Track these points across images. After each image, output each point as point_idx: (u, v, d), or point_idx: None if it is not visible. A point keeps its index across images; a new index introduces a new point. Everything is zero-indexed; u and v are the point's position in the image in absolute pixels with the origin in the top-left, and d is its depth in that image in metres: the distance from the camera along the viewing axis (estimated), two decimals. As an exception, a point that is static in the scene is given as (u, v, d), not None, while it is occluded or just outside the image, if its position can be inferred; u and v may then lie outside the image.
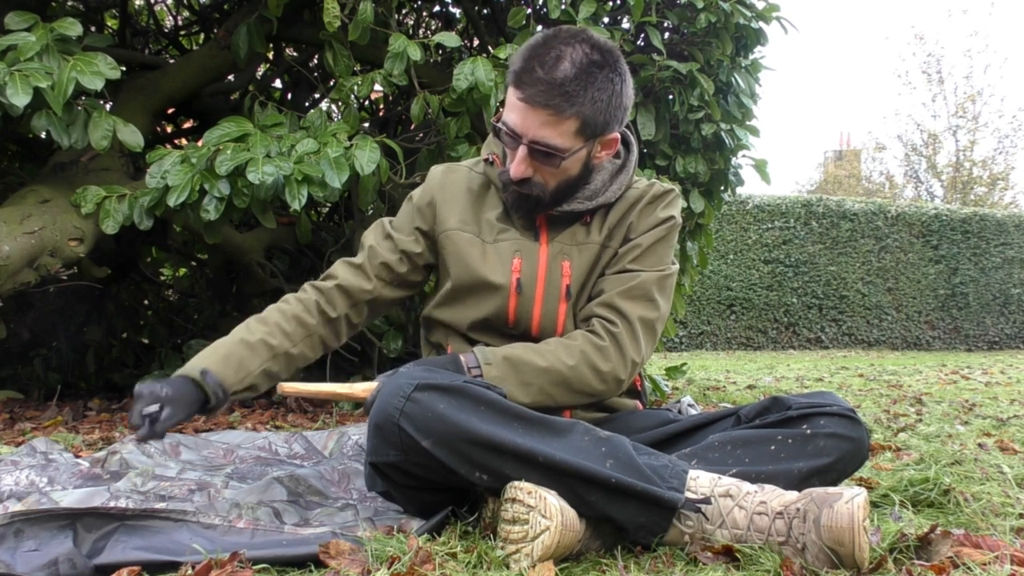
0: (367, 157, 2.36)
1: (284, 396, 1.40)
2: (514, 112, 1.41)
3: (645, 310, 1.50)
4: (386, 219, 1.67)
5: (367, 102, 3.61)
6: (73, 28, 2.25)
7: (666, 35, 3.00)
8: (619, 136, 1.50)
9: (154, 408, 1.34)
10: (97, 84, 2.18)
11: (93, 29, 3.14)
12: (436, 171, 1.66)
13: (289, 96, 3.54)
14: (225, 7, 3.49)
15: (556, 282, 1.53)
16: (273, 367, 1.50)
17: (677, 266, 1.58)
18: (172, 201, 2.27)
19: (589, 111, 1.39)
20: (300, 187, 2.29)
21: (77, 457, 1.85)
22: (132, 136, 2.36)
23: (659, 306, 1.52)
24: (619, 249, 1.54)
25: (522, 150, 1.42)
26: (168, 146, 2.71)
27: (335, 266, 1.62)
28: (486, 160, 1.59)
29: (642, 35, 2.95)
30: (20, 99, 2.07)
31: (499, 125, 1.45)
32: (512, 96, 1.41)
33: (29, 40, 2.19)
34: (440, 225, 1.58)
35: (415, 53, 2.47)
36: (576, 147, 1.43)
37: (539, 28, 2.80)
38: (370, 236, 1.64)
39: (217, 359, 1.45)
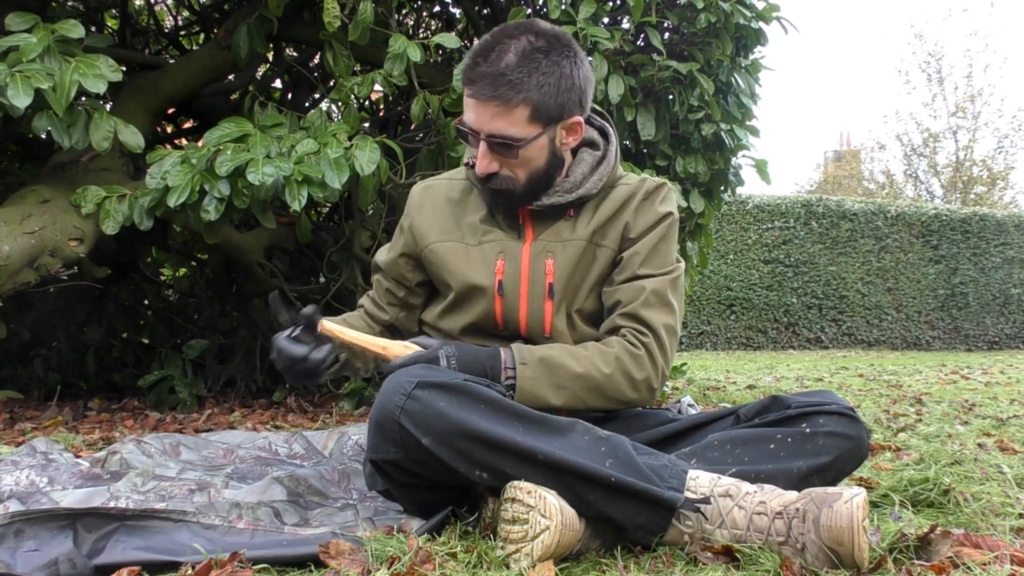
0: (367, 157, 2.36)
1: (323, 333, 1.50)
2: (469, 109, 1.43)
3: (667, 316, 1.50)
4: (387, 245, 1.71)
5: (367, 102, 3.61)
6: (74, 30, 2.25)
7: (666, 35, 3.00)
8: (582, 120, 1.48)
9: (310, 309, 1.46)
10: (100, 87, 2.19)
11: (93, 29, 3.14)
12: (415, 191, 1.66)
13: (289, 96, 3.54)
14: (225, 7, 3.49)
15: (540, 281, 1.51)
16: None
17: (683, 263, 1.57)
18: (172, 201, 2.28)
19: (537, 96, 1.40)
20: (300, 187, 2.29)
21: (77, 457, 1.85)
22: (133, 137, 2.36)
23: (675, 308, 1.52)
24: (623, 254, 1.52)
25: (482, 145, 1.44)
26: (168, 146, 2.71)
27: (362, 299, 1.74)
28: (467, 164, 1.59)
29: (642, 35, 2.95)
30: (21, 100, 2.07)
31: (460, 126, 1.47)
32: (465, 94, 1.43)
33: (30, 41, 2.19)
34: (420, 243, 1.59)
35: (415, 54, 2.47)
36: (533, 134, 1.43)
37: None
38: (374, 264, 1.71)
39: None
